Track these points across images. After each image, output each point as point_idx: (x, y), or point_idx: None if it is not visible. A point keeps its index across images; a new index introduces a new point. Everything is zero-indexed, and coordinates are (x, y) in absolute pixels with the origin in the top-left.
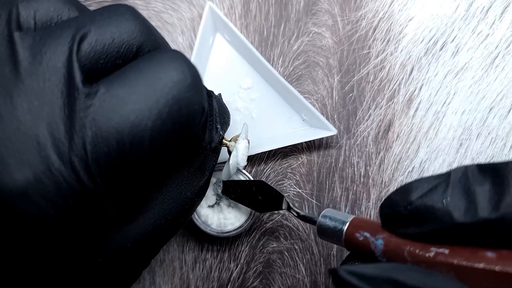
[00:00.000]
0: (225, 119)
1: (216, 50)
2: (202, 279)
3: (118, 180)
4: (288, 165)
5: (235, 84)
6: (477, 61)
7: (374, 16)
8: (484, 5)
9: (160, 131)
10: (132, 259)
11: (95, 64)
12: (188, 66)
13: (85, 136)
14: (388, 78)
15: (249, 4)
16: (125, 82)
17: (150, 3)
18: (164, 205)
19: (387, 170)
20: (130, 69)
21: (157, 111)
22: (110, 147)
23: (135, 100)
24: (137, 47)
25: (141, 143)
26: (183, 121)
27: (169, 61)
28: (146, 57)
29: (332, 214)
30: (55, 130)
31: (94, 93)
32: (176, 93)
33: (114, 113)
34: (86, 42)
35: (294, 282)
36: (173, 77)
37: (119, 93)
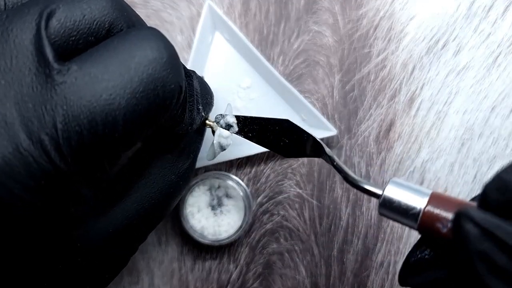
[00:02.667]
0: (207, 99)
1: (215, 48)
2: (201, 280)
3: (91, 161)
4: (288, 165)
5: (234, 83)
6: (479, 60)
7: (375, 14)
8: (485, 3)
9: (134, 111)
10: (116, 245)
11: (66, 42)
12: (164, 44)
13: (55, 114)
14: (389, 77)
15: (249, 2)
16: (98, 60)
17: (149, 2)
18: (147, 189)
19: (388, 170)
20: (104, 47)
21: (131, 90)
22: (81, 126)
23: (108, 79)
24: (109, 24)
25: (114, 122)
26: (159, 100)
27: (144, 39)
28: (121, 34)
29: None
30: (23, 108)
31: (66, 71)
32: (151, 72)
33: (86, 91)
34: (55, 18)
35: (295, 283)
36: (148, 55)
37: (92, 71)
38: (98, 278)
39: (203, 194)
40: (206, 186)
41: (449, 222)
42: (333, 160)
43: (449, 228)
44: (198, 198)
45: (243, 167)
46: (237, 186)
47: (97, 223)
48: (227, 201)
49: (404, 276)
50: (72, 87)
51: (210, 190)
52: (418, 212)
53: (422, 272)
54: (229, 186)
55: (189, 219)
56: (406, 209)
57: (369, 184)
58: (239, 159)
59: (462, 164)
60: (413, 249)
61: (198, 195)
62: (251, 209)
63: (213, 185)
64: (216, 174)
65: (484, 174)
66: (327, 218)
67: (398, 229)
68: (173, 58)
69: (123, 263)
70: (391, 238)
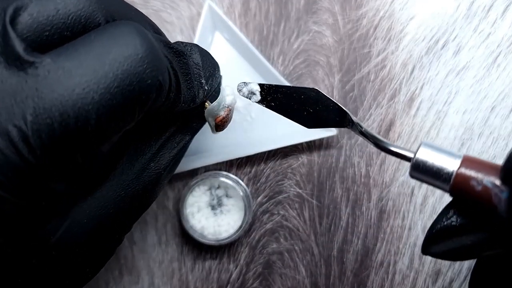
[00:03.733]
0: (211, 72)
1: (215, 49)
2: (201, 280)
3: (63, 154)
4: (288, 165)
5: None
6: (478, 60)
7: (375, 14)
8: (485, 3)
9: (108, 106)
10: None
11: (39, 37)
12: (141, 40)
13: (25, 106)
14: (389, 77)
15: (249, 2)
16: (73, 55)
17: (149, 2)
18: (124, 176)
19: (388, 170)
20: (80, 42)
21: (105, 85)
22: (52, 118)
23: (82, 73)
24: (85, 18)
25: (86, 116)
26: (135, 95)
27: (121, 34)
28: (99, 30)
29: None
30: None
31: (39, 63)
32: (126, 68)
33: (58, 85)
34: (27, 13)
35: (294, 283)
36: (124, 51)
37: (66, 65)
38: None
39: (203, 194)
40: (206, 186)
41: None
42: (361, 127)
43: (484, 187)
44: (198, 198)
45: (243, 167)
46: (237, 186)
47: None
48: (227, 201)
49: (428, 245)
50: (44, 80)
51: (210, 190)
52: (451, 173)
53: (448, 239)
54: (229, 186)
55: (189, 219)
56: (439, 171)
57: (400, 148)
58: (239, 159)
59: None
60: (439, 216)
61: (198, 195)
62: (251, 209)
63: (213, 185)
64: (216, 174)
65: None
66: (327, 218)
67: (398, 229)
68: (150, 54)
69: (108, 255)
70: (391, 238)
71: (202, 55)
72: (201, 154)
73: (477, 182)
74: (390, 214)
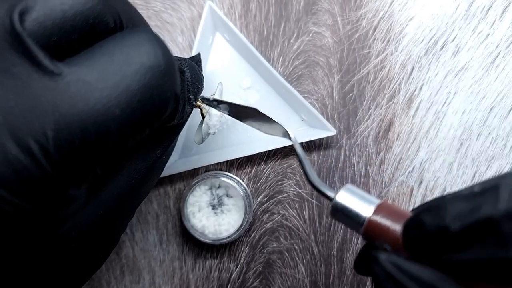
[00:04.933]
0: (198, 87)
1: (215, 49)
2: (202, 279)
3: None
4: (288, 165)
5: (235, 83)
6: (477, 61)
7: (374, 15)
8: (484, 4)
9: (129, 120)
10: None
11: (48, 42)
12: (162, 50)
13: (46, 121)
14: (388, 77)
15: (249, 3)
16: (93, 66)
17: (150, 3)
18: (133, 167)
19: (387, 170)
20: (99, 50)
21: (126, 100)
22: (73, 134)
23: (102, 87)
24: (93, 19)
25: (107, 131)
26: (154, 108)
27: (142, 44)
28: (117, 38)
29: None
30: (9, 114)
31: (58, 75)
32: (148, 81)
33: (79, 100)
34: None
35: (294, 282)
36: (146, 63)
37: (86, 78)
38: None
39: (203, 193)
40: (206, 185)
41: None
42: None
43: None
44: (199, 198)
45: (244, 166)
46: (238, 186)
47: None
48: (228, 201)
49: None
50: (64, 94)
51: (211, 190)
52: (363, 220)
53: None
54: (230, 185)
55: (190, 218)
56: (355, 216)
57: (325, 187)
58: (240, 159)
59: (461, 164)
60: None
61: (199, 195)
62: (251, 209)
63: (214, 185)
64: (217, 173)
65: (482, 174)
66: (326, 218)
67: None
68: (171, 65)
69: (114, 242)
70: None
71: (191, 70)
72: (201, 154)
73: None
74: None
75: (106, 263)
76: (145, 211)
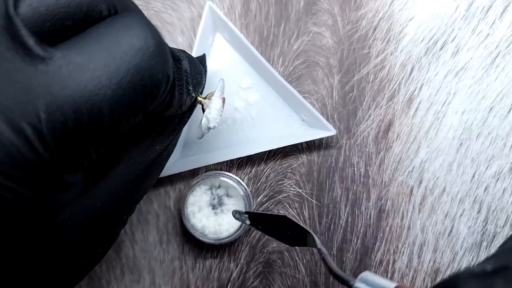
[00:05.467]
0: (198, 79)
1: (215, 49)
2: (202, 279)
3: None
4: (288, 165)
5: (235, 83)
6: (477, 61)
7: (374, 15)
8: (484, 4)
9: (121, 101)
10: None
11: (41, 28)
12: (151, 32)
13: (38, 103)
14: (388, 78)
15: (249, 3)
16: (83, 49)
17: (150, 3)
18: (131, 161)
19: (387, 170)
20: (89, 34)
21: (117, 80)
22: (66, 116)
23: (93, 68)
24: (87, 6)
25: (100, 113)
26: (146, 90)
27: (131, 26)
28: (108, 21)
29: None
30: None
31: (49, 59)
32: (138, 62)
33: (71, 81)
34: (27, 3)
35: (294, 282)
36: (135, 44)
37: (77, 60)
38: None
39: (204, 193)
40: (207, 185)
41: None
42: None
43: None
44: (199, 198)
45: (244, 166)
46: (238, 186)
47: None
48: (228, 200)
49: None
50: (56, 76)
51: (211, 190)
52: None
53: None
54: (230, 185)
55: (190, 218)
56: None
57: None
58: (240, 159)
59: (461, 164)
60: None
61: (199, 195)
62: (251, 208)
63: (214, 185)
64: (217, 173)
65: (482, 173)
66: (326, 217)
67: (397, 228)
68: (160, 47)
69: (114, 236)
70: (390, 237)
71: (190, 62)
72: (201, 154)
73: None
74: (389, 214)
75: (106, 262)
76: (146, 211)
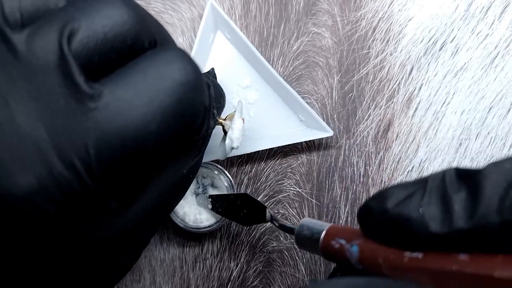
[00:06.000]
0: (221, 103)
1: (216, 47)
2: (203, 278)
3: (121, 179)
4: (288, 165)
5: (234, 82)
6: (476, 61)
7: (373, 16)
8: (483, 5)
9: (165, 133)
10: (132, 240)
11: (89, 62)
12: (191, 66)
13: (88, 139)
14: (387, 78)
15: (249, 4)
16: (128, 84)
17: (151, 3)
18: (162, 184)
19: (386, 170)
20: (133, 69)
21: (161, 114)
22: (114, 151)
23: (139, 104)
24: (132, 40)
25: (144, 145)
26: (186, 120)
27: (173, 61)
28: (150, 56)
29: (310, 223)
30: (55, 133)
31: (97, 95)
32: (180, 96)
33: (118, 118)
34: (77, 40)
35: (294, 281)
36: (177, 78)
37: (124, 96)
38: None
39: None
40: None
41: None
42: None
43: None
44: None
45: (244, 166)
46: (223, 177)
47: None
48: (212, 191)
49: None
50: (104, 113)
51: (197, 178)
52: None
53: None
54: (215, 176)
55: None
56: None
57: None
58: (240, 158)
59: (460, 164)
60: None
61: None
62: None
63: (200, 174)
64: (204, 163)
65: None
66: (326, 217)
67: None
68: (199, 80)
69: (136, 257)
70: None
71: (214, 87)
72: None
73: (335, 242)
74: None
75: None
76: None
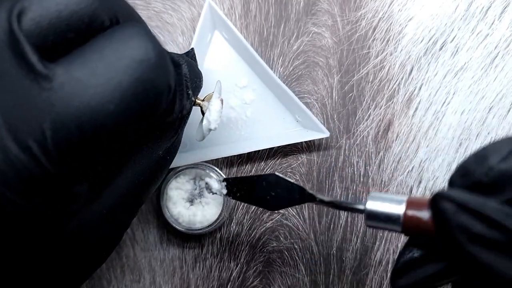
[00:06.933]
0: (196, 83)
1: (213, 47)
2: (202, 278)
3: (82, 162)
4: (288, 165)
5: (231, 82)
6: (476, 61)
7: (373, 16)
8: (483, 5)
9: (124, 115)
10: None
11: (44, 42)
12: (152, 43)
13: (43, 121)
14: (387, 78)
15: (249, 4)
16: (84, 64)
17: (150, 3)
18: (136, 166)
19: (386, 170)
20: (89, 48)
21: (120, 94)
22: (70, 132)
23: (95, 84)
24: (89, 17)
25: (103, 127)
26: (149, 101)
27: (131, 38)
28: (107, 33)
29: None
30: (8, 115)
31: (52, 76)
32: (139, 75)
33: (73, 98)
34: (28, 18)
35: (294, 281)
36: (136, 56)
37: (79, 76)
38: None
39: (187, 182)
40: (192, 175)
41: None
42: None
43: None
44: (181, 185)
45: (244, 165)
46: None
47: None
48: (208, 194)
49: (395, 278)
50: (59, 93)
51: (194, 180)
52: (399, 217)
53: (412, 271)
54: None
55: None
56: (389, 217)
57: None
58: (240, 158)
59: None
60: (401, 252)
61: (182, 182)
62: (229, 206)
63: (198, 176)
64: (202, 165)
65: None
66: (326, 217)
67: None
68: (161, 57)
69: (117, 239)
70: (389, 237)
71: (189, 66)
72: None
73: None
74: None
75: (106, 262)
76: (146, 211)
